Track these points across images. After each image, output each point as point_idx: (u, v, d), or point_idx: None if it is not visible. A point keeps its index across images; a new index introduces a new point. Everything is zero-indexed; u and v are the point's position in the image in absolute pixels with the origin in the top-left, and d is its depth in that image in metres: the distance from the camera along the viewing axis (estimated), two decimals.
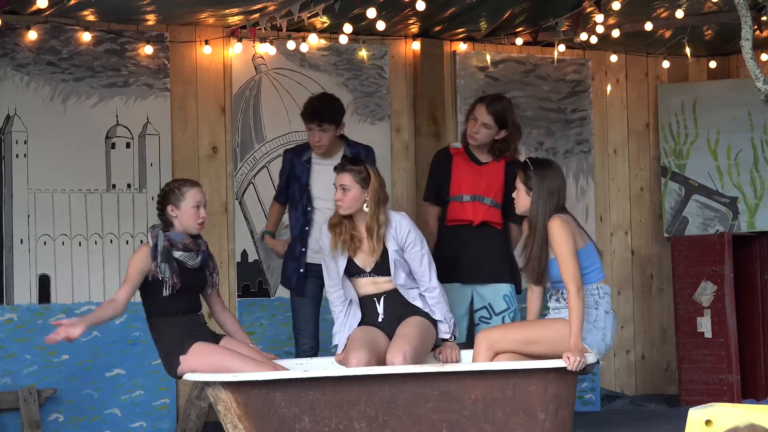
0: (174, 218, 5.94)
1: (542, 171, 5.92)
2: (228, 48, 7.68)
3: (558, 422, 5.64)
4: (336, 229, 6.17)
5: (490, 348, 5.86)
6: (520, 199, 5.95)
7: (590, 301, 5.85)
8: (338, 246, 6.13)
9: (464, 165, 6.94)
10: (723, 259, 8.41)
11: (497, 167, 6.93)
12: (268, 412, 5.59)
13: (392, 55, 8.16)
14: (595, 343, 5.81)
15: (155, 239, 5.87)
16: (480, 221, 6.89)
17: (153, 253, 5.84)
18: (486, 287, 6.87)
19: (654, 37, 8.34)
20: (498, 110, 6.83)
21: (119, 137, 7.43)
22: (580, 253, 5.82)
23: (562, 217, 5.87)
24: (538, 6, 7.67)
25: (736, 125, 8.72)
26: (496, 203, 6.89)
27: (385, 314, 6.16)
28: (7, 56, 7.14)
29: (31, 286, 7.17)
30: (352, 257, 6.14)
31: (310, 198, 6.86)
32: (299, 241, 6.86)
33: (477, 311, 6.89)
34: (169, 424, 7.43)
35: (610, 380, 8.75)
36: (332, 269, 6.20)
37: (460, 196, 6.90)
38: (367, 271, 6.15)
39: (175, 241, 5.90)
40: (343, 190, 6.12)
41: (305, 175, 6.87)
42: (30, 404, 7.01)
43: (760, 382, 8.62)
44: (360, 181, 6.12)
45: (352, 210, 6.13)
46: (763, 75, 5.20)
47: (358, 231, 6.16)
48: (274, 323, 7.68)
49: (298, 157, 6.93)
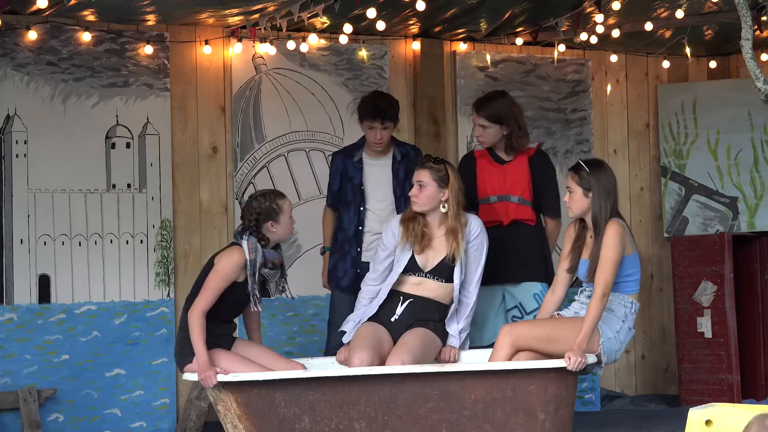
0: (272, 233, 5.89)
1: (597, 170, 5.95)
2: (228, 48, 7.68)
3: (558, 422, 5.64)
4: (409, 223, 6.16)
5: (512, 344, 5.85)
6: (576, 201, 5.95)
7: (620, 312, 5.88)
8: (409, 240, 6.12)
9: (488, 166, 6.90)
10: (723, 259, 8.41)
11: (521, 163, 6.88)
12: (268, 412, 5.59)
13: (392, 55, 8.16)
14: (609, 352, 5.83)
15: (254, 253, 5.82)
16: (510, 220, 6.84)
17: (251, 268, 5.80)
18: (516, 287, 6.82)
19: (654, 37, 8.34)
20: (488, 111, 6.81)
21: (119, 137, 7.43)
22: (628, 259, 5.86)
23: (621, 223, 5.88)
24: (539, 6, 7.67)
25: (736, 125, 8.71)
26: (524, 200, 6.84)
27: (401, 316, 6.15)
28: (7, 56, 7.14)
29: (31, 286, 7.17)
30: (418, 254, 6.13)
31: (364, 198, 6.86)
32: (354, 242, 6.86)
33: (509, 311, 6.84)
34: (169, 424, 7.43)
35: (610, 380, 8.75)
36: (382, 265, 6.21)
37: (487, 197, 6.87)
38: (425, 271, 6.14)
39: (268, 260, 5.88)
40: (419, 186, 6.12)
41: (358, 176, 6.88)
42: (30, 404, 7.01)
43: (760, 382, 8.62)
44: (438, 180, 6.13)
45: (426, 207, 6.13)
46: (763, 75, 5.20)
47: (429, 229, 6.16)
48: (275, 323, 7.68)
49: (350, 158, 6.93)
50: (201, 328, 5.69)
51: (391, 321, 6.15)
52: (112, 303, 7.35)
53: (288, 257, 7.75)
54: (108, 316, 7.33)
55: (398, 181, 6.86)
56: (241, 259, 5.81)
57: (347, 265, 6.87)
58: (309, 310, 7.61)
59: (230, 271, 5.79)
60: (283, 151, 7.81)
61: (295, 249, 7.79)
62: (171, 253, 7.48)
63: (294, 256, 7.78)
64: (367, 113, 6.80)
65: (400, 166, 6.88)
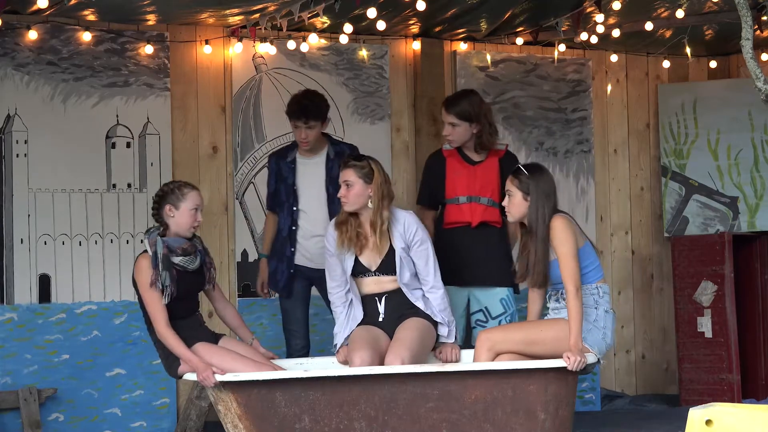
0: (170, 218, 5.87)
1: (536, 175, 5.94)
2: (228, 48, 7.68)
3: (558, 422, 5.64)
4: (342, 227, 6.15)
5: (491, 349, 5.86)
6: (516, 205, 5.94)
7: (590, 301, 5.86)
8: (344, 244, 6.11)
9: (458, 166, 6.89)
10: (723, 259, 8.41)
11: (491, 165, 6.88)
12: (269, 412, 5.60)
13: (392, 54, 8.16)
14: (595, 342, 5.81)
15: (154, 246, 5.81)
16: (478, 222, 6.85)
17: (154, 261, 5.79)
18: (483, 291, 6.82)
19: (654, 36, 8.34)
20: (458, 108, 6.79)
21: (119, 137, 7.43)
22: (579, 252, 5.83)
23: (565, 216, 5.88)
24: (539, 6, 7.67)
25: (737, 125, 8.72)
26: (493, 202, 6.84)
27: (386, 314, 6.15)
28: (7, 56, 7.14)
29: (31, 286, 7.18)
30: (357, 256, 6.12)
31: (297, 198, 6.85)
32: (288, 242, 6.85)
33: (473, 314, 6.85)
34: (169, 424, 7.43)
35: (610, 380, 8.75)
36: (336, 269, 6.17)
37: (456, 198, 6.86)
38: (372, 270, 6.13)
39: (174, 247, 5.85)
40: (346, 186, 6.10)
41: (291, 176, 6.86)
42: (30, 404, 7.02)
43: (760, 382, 8.63)
44: (363, 177, 6.10)
45: (357, 206, 6.10)
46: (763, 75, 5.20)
47: (363, 229, 6.13)
48: (275, 322, 7.68)
49: (283, 159, 6.92)
50: (175, 339, 5.72)
51: (380, 321, 6.15)
52: (112, 303, 7.36)
53: None
54: (108, 316, 7.33)
55: (331, 179, 6.77)
56: (148, 260, 5.80)
57: (284, 266, 6.87)
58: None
59: (147, 277, 5.77)
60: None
61: None
62: None
63: None
64: (291, 112, 6.78)
65: (334, 164, 6.79)
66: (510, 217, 6.02)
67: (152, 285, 5.75)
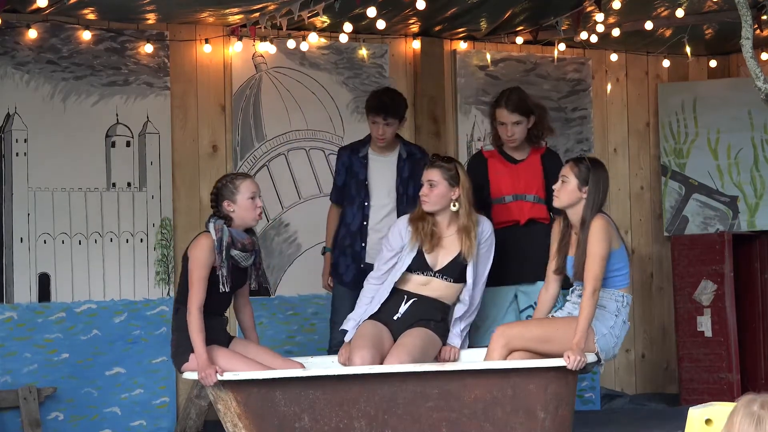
0: (232, 213, 5.87)
1: (598, 169, 5.93)
2: (228, 47, 7.68)
3: (558, 421, 5.64)
4: (418, 223, 6.14)
5: (506, 345, 5.84)
6: (568, 192, 5.91)
7: (612, 307, 5.85)
8: (419, 239, 6.11)
9: (500, 166, 6.87)
10: (723, 258, 8.41)
11: (534, 162, 6.87)
12: (268, 411, 5.59)
13: (392, 53, 8.16)
14: (605, 348, 5.81)
15: (220, 233, 5.78)
16: (526, 219, 6.83)
17: (218, 247, 5.77)
18: (531, 286, 6.78)
19: (654, 36, 8.34)
20: (518, 103, 6.79)
21: (119, 136, 7.43)
22: (615, 254, 5.82)
23: (606, 218, 5.86)
24: (539, 5, 7.66)
25: (737, 124, 8.71)
26: (539, 198, 6.82)
27: (404, 315, 6.14)
28: (7, 55, 7.14)
29: (31, 285, 7.17)
30: (427, 252, 6.11)
31: (368, 194, 6.88)
32: (359, 237, 6.86)
33: (524, 310, 6.80)
34: (169, 423, 7.43)
35: (610, 379, 8.75)
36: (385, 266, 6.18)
37: (502, 197, 6.84)
38: (435, 270, 6.13)
39: (237, 240, 5.84)
40: (430, 185, 6.11)
41: (363, 171, 6.90)
42: (30, 403, 7.01)
43: (760, 381, 8.62)
44: (449, 179, 6.11)
45: (437, 207, 6.11)
46: (763, 74, 5.20)
47: (438, 228, 6.14)
48: (275, 322, 7.68)
49: (356, 154, 6.95)
50: (200, 326, 5.68)
51: (394, 319, 6.15)
52: (112, 302, 7.35)
53: (288, 256, 7.77)
54: (108, 315, 7.33)
55: (402, 179, 6.87)
56: (210, 242, 5.77)
57: (349, 260, 6.88)
58: (309, 309, 7.61)
59: (203, 256, 5.74)
60: (283, 150, 7.81)
61: (294, 248, 7.79)
62: (171, 251, 7.48)
63: (294, 255, 7.78)
64: (371, 108, 6.85)
65: (405, 164, 6.89)
66: (557, 202, 5.97)
67: (218, 269, 5.73)
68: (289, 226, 7.80)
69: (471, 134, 8.26)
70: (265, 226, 7.71)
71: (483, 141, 8.08)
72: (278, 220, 7.74)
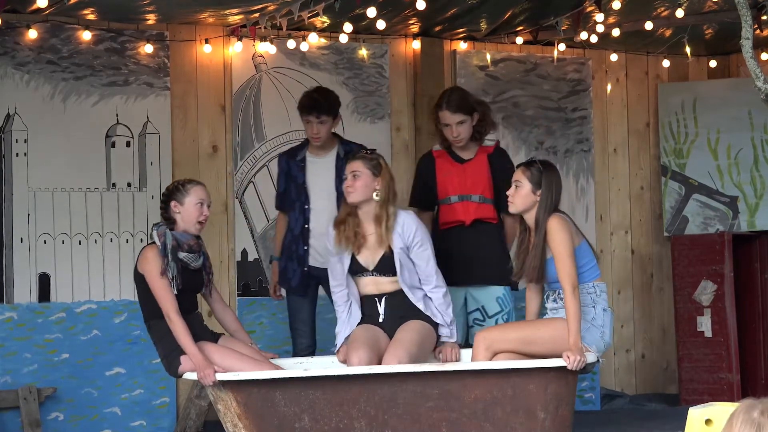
0: (177, 215, 5.90)
1: (550, 171, 5.95)
2: (228, 47, 7.68)
3: (558, 421, 5.64)
4: (340, 226, 6.14)
5: (488, 348, 5.86)
6: (522, 196, 5.93)
7: (587, 300, 5.86)
8: (342, 242, 6.10)
9: (447, 166, 6.87)
10: (723, 259, 8.41)
11: (481, 161, 6.86)
12: (268, 411, 5.59)
13: (392, 54, 8.16)
14: (594, 341, 5.81)
15: (163, 237, 5.83)
16: (471, 220, 6.82)
17: (162, 251, 5.81)
18: (479, 289, 6.80)
19: (654, 36, 8.34)
20: (459, 102, 6.78)
21: (119, 136, 7.43)
22: (576, 251, 5.83)
23: (561, 216, 5.88)
24: (539, 5, 7.66)
25: (737, 124, 8.71)
26: (485, 198, 6.82)
27: (386, 314, 6.14)
28: (7, 55, 7.14)
29: (31, 285, 7.17)
30: (355, 254, 6.11)
31: (308, 196, 6.86)
32: (301, 240, 6.85)
33: (470, 313, 6.83)
34: (168, 423, 7.43)
35: (610, 379, 8.75)
36: (338, 269, 6.17)
37: (448, 198, 6.84)
38: (370, 270, 6.12)
39: (182, 242, 5.87)
40: (354, 176, 6.08)
41: (301, 175, 6.88)
42: (30, 403, 7.01)
43: (760, 381, 8.62)
44: (371, 168, 6.10)
45: (362, 197, 6.08)
46: (763, 74, 5.20)
47: (362, 228, 6.13)
48: (275, 322, 7.68)
49: (293, 158, 6.94)
50: (184, 328, 5.72)
51: (380, 322, 6.14)
52: (112, 302, 7.36)
53: None
54: (108, 315, 7.33)
55: (340, 179, 6.78)
56: (155, 250, 5.82)
57: (295, 264, 6.87)
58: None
59: (154, 266, 5.78)
60: (283, 150, 7.80)
61: None
62: None
63: None
64: (302, 107, 6.81)
65: (344, 163, 6.78)
66: (512, 208, 5.99)
67: (163, 273, 5.76)
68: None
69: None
70: (266, 226, 7.72)
71: None
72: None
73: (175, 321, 5.73)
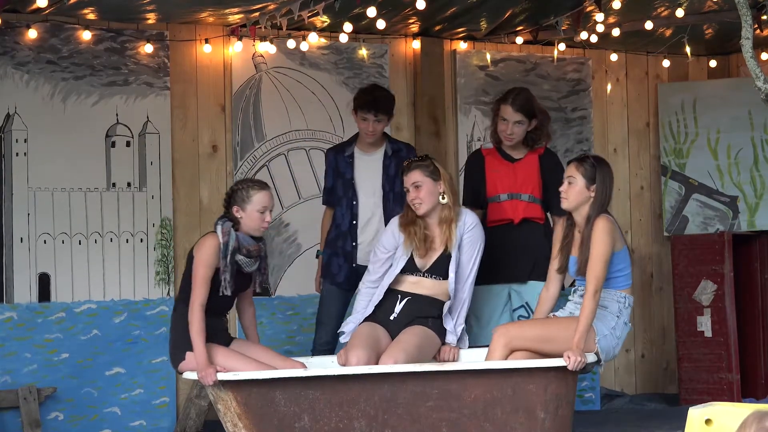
0: (239, 219, 5.88)
1: (604, 166, 5.93)
2: (228, 47, 7.68)
3: (558, 421, 5.64)
4: (410, 228, 6.13)
5: (507, 345, 5.83)
6: (576, 192, 5.89)
7: (614, 308, 5.85)
8: (412, 245, 6.10)
9: (497, 164, 6.88)
10: (723, 258, 8.41)
11: (531, 161, 6.87)
12: (268, 411, 5.59)
13: (392, 53, 8.16)
14: (606, 349, 5.80)
15: (227, 236, 5.79)
16: (520, 218, 6.82)
17: (224, 251, 5.78)
18: (523, 285, 6.79)
19: (654, 36, 8.34)
20: (523, 104, 6.79)
21: (119, 136, 7.43)
22: (618, 255, 5.81)
23: (609, 218, 5.85)
24: (539, 5, 7.67)
25: (737, 124, 8.71)
26: (535, 198, 6.82)
27: (399, 315, 6.14)
28: (7, 54, 7.14)
29: (31, 285, 7.17)
30: (420, 256, 6.11)
31: (356, 192, 6.87)
32: (349, 237, 6.86)
33: (515, 310, 6.81)
34: (168, 423, 7.43)
35: (610, 379, 8.75)
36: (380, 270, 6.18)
37: (497, 195, 6.84)
38: (422, 271, 6.13)
39: (243, 245, 5.84)
40: (416, 187, 6.08)
41: (349, 171, 6.89)
42: (30, 403, 7.01)
43: (760, 381, 8.62)
44: (430, 174, 6.11)
45: (430, 206, 6.10)
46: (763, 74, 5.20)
47: (431, 231, 6.14)
48: (274, 322, 7.68)
49: (341, 154, 6.96)
50: (200, 324, 5.69)
51: (390, 319, 6.15)
52: (112, 302, 7.36)
53: (288, 256, 7.77)
54: (108, 315, 7.33)
55: (388, 177, 6.85)
56: (216, 243, 5.79)
57: (341, 260, 6.88)
58: (309, 308, 7.60)
59: (208, 256, 5.76)
60: (283, 149, 7.81)
61: (295, 248, 7.79)
62: (171, 251, 7.48)
63: (294, 254, 7.79)
64: (363, 104, 6.83)
65: (391, 161, 6.87)
66: (565, 204, 5.94)
67: (222, 273, 5.74)
68: (289, 226, 7.81)
69: (471, 134, 8.26)
70: None
71: (483, 141, 8.08)
72: (278, 220, 7.74)
73: (196, 314, 5.69)
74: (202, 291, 5.73)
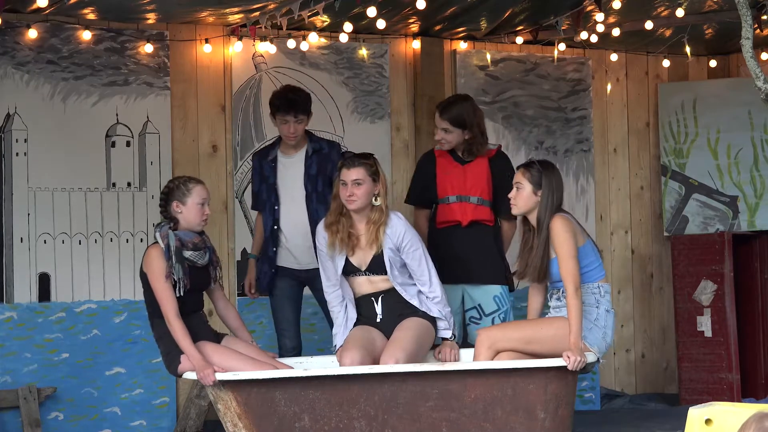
0: (178, 214, 5.91)
1: (549, 171, 5.97)
2: (228, 46, 7.68)
3: (558, 421, 5.64)
4: (332, 227, 6.12)
5: (491, 347, 5.87)
6: (524, 198, 5.96)
7: (591, 300, 5.87)
8: (336, 245, 6.10)
9: (448, 165, 6.92)
10: (723, 258, 8.41)
11: (481, 164, 6.89)
12: (268, 411, 5.59)
13: (392, 53, 8.16)
14: (595, 341, 5.82)
15: (166, 239, 5.83)
16: (468, 221, 6.86)
17: (166, 253, 5.81)
18: (476, 288, 6.84)
19: (654, 36, 8.34)
20: (452, 115, 6.82)
21: (119, 136, 7.43)
22: (580, 251, 5.84)
23: (564, 216, 5.89)
24: (539, 5, 7.67)
25: (737, 124, 8.71)
26: (483, 201, 6.86)
27: (384, 314, 6.14)
28: (7, 54, 7.14)
29: (31, 285, 7.17)
30: (348, 256, 6.11)
31: (278, 197, 6.86)
32: (270, 242, 6.85)
33: (467, 311, 6.88)
34: (168, 423, 7.43)
35: (610, 379, 8.75)
36: (329, 269, 6.16)
37: (447, 197, 6.89)
38: (363, 270, 6.12)
39: (185, 241, 5.87)
40: (357, 184, 6.06)
41: (272, 175, 6.88)
42: (30, 403, 7.01)
43: (760, 381, 8.62)
44: (372, 175, 6.09)
45: (364, 204, 6.08)
46: (763, 74, 5.20)
47: (355, 228, 6.12)
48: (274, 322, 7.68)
49: (265, 158, 6.94)
50: (183, 330, 5.73)
51: (378, 322, 6.14)
52: (112, 301, 7.35)
53: None
54: (108, 315, 7.33)
55: (309, 177, 6.81)
56: (159, 251, 5.82)
57: (266, 266, 6.88)
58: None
59: (158, 267, 5.79)
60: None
61: None
62: None
63: None
64: (280, 107, 6.79)
65: (312, 161, 6.83)
66: (515, 210, 6.02)
67: (167, 277, 5.76)
68: None
69: None
70: None
71: None
72: None
73: (174, 324, 5.73)
74: (170, 301, 5.76)
